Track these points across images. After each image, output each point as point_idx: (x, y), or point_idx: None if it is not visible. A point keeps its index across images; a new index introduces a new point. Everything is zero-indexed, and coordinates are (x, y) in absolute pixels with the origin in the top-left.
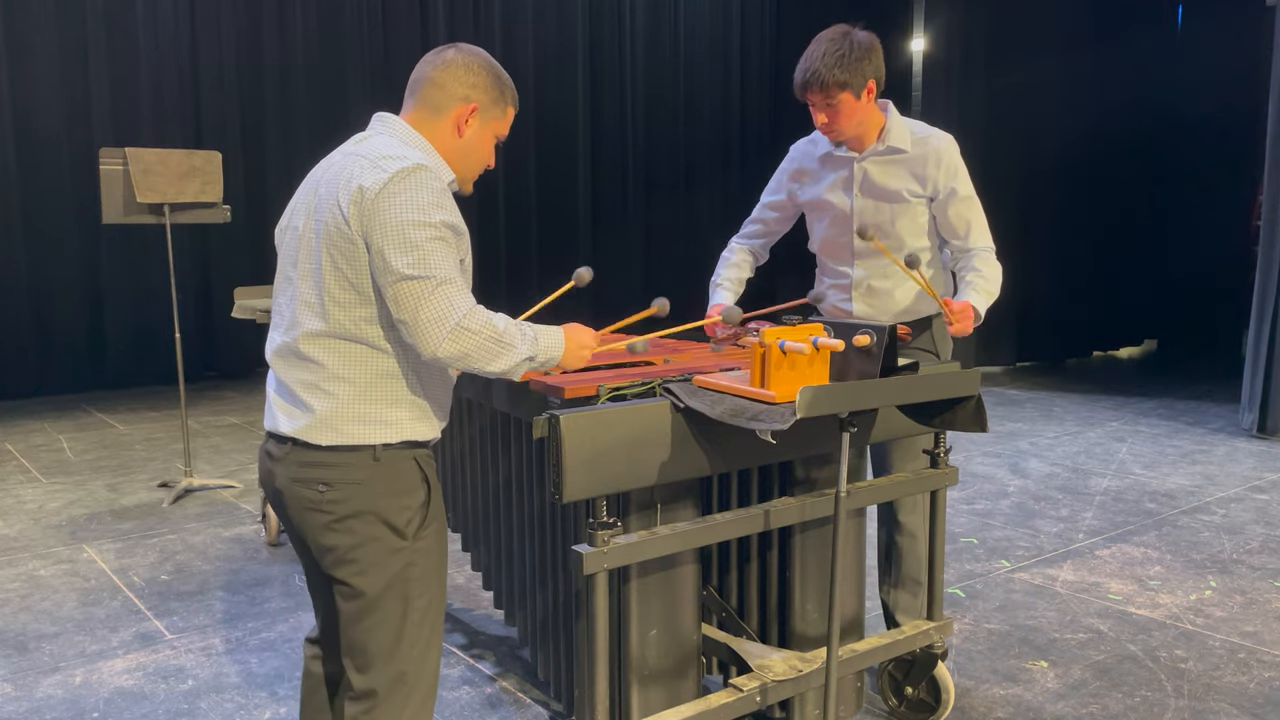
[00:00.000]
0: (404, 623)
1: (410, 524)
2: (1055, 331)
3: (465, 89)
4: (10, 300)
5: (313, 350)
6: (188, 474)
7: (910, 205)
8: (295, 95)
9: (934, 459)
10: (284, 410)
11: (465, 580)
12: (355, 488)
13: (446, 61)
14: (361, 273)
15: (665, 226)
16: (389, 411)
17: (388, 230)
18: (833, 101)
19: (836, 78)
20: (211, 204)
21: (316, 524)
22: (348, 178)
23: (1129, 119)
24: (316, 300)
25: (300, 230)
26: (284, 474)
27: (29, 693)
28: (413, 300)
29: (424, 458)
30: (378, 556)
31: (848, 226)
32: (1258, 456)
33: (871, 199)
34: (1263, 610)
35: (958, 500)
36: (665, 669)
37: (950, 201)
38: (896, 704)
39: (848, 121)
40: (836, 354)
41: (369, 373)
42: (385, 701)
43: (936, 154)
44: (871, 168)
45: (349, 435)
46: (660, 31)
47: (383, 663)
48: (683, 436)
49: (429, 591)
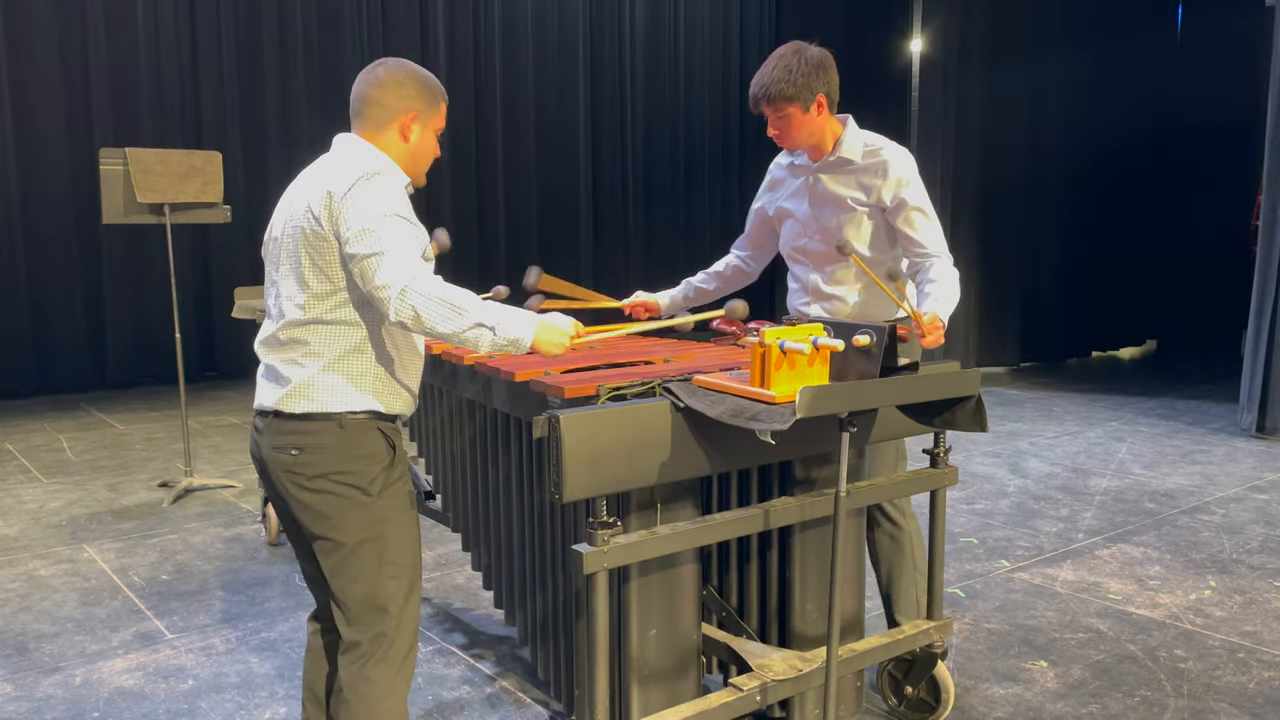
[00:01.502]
0: (379, 575)
1: (374, 483)
2: (1055, 331)
3: (403, 101)
4: (10, 300)
5: (295, 333)
6: (188, 474)
7: (856, 214)
8: (295, 95)
9: (934, 459)
10: (266, 386)
11: (465, 580)
12: (323, 451)
13: (380, 81)
14: (333, 265)
15: (665, 227)
16: (355, 382)
17: (351, 223)
18: (781, 114)
19: (784, 92)
20: (211, 204)
21: (291, 484)
22: (318, 186)
23: (1128, 119)
24: (297, 294)
25: (280, 239)
26: (266, 444)
27: (29, 693)
28: (370, 272)
29: (389, 429)
30: (348, 511)
31: (803, 231)
32: (1257, 456)
33: (820, 206)
34: (1262, 610)
35: (958, 500)
36: (665, 669)
37: (900, 211)
38: (896, 704)
39: (798, 133)
40: (836, 354)
41: (340, 347)
42: (370, 653)
43: (884, 165)
44: (824, 176)
45: (319, 403)
46: (660, 32)
47: (364, 614)
48: (683, 436)
49: (402, 548)
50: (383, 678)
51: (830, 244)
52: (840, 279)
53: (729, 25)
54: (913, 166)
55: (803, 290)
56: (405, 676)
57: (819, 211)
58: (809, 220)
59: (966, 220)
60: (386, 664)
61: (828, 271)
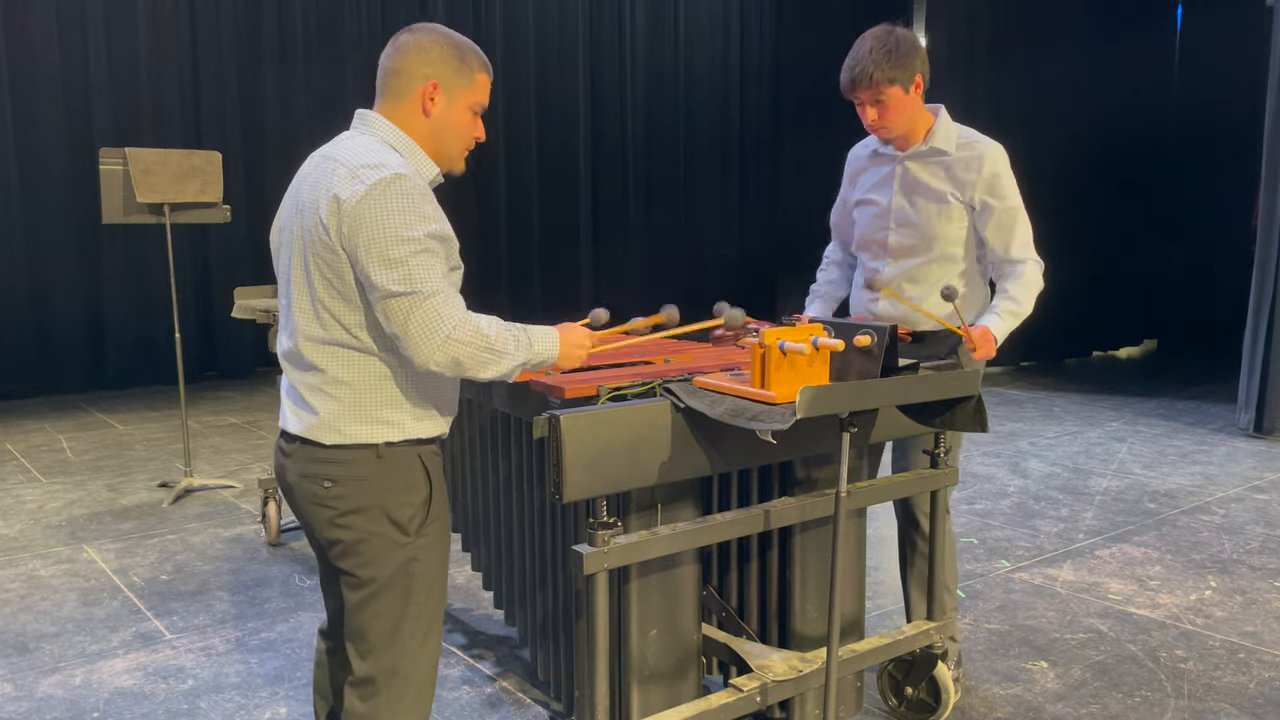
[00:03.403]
0: (404, 615)
1: (413, 520)
2: (1055, 331)
3: (423, 68)
4: (10, 300)
5: (313, 355)
6: (188, 474)
7: (949, 207)
8: (295, 95)
9: (934, 459)
10: (293, 411)
11: (465, 580)
12: (359, 484)
13: (401, 46)
14: (347, 282)
15: (666, 229)
16: (390, 412)
17: (371, 248)
18: (881, 97)
19: (885, 73)
20: (211, 204)
21: (322, 518)
22: (326, 186)
23: (1128, 119)
24: (310, 306)
25: (290, 234)
26: (294, 469)
27: (29, 693)
28: (401, 315)
29: (428, 454)
30: (381, 550)
31: (885, 223)
32: (1258, 456)
33: (909, 197)
34: (1263, 610)
35: (958, 500)
36: (665, 669)
37: (990, 210)
38: (896, 704)
39: (898, 117)
40: (836, 354)
41: (367, 375)
42: (382, 690)
43: (979, 160)
44: (913, 166)
45: (352, 435)
46: (660, 33)
47: (381, 651)
48: (683, 436)
49: (430, 587)
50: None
51: (916, 237)
52: (920, 276)
53: (729, 25)
54: (1008, 163)
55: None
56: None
57: (907, 202)
58: (895, 211)
59: None
60: (403, 700)
61: (906, 266)
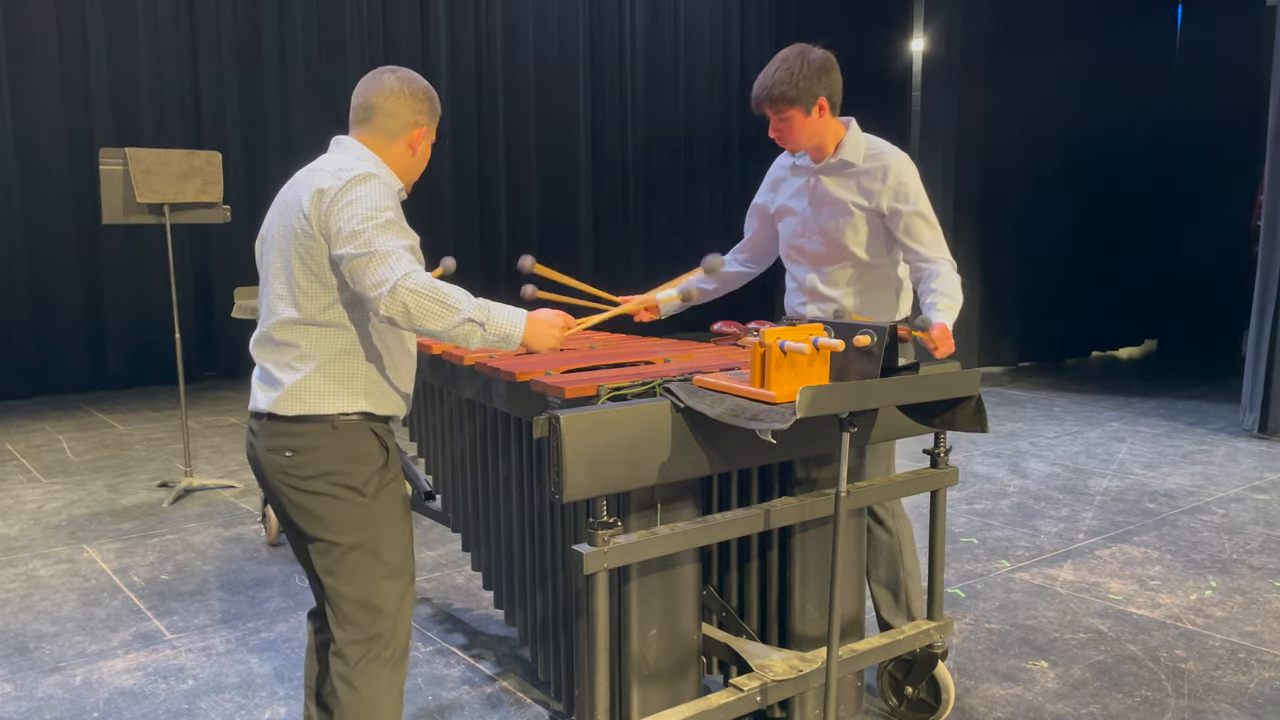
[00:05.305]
0: (373, 575)
1: (369, 483)
2: (1055, 331)
3: (414, 115)
4: (10, 300)
5: (286, 334)
6: (188, 474)
7: (854, 217)
8: (295, 95)
9: (934, 459)
10: (261, 389)
11: (465, 580)
12: (316, 452)
13: (392, 91)
14: (321, 263)
15: (665, 226)
16: (347, 385)
17: (341, 225)
18: (783, 116)
19: (786, 94)
20: (211, 204)
21: (286, 486)
22: (309, 186)
23: (1128, 119)
24: (288, 293)
25: (272, 238)
26: (261, 445)
27: (29, 693)
28: (360, 270)
29: (382, 430)
30: (342, 512)
31: (802, 231)
32: (1258, 456)
33: (819, 207)
34: (1263, 610)
35: (958, 500)
36: (665, 669)
37: (899, 215)
38: (896, 704)
39: (799, 136)
40: (836, 354)
41: (331, 349)
42: (365, 653)
43: (884, 170)
44: (824, 178)
45: (311, 405)
46: (660, 32)
47: (358, 612)
48: (683, 436)
49: (396, 548)
50: (378, 676)
51: (828, 245)
52: (837, 280)
53: (729, 25)
54: (914, 171)
55: (799, 290)
56: (400, 675)
57: (818, 212)
58: (809, 220)
59: (967, 220)
60: (381, 663)
61: (825, 272)
